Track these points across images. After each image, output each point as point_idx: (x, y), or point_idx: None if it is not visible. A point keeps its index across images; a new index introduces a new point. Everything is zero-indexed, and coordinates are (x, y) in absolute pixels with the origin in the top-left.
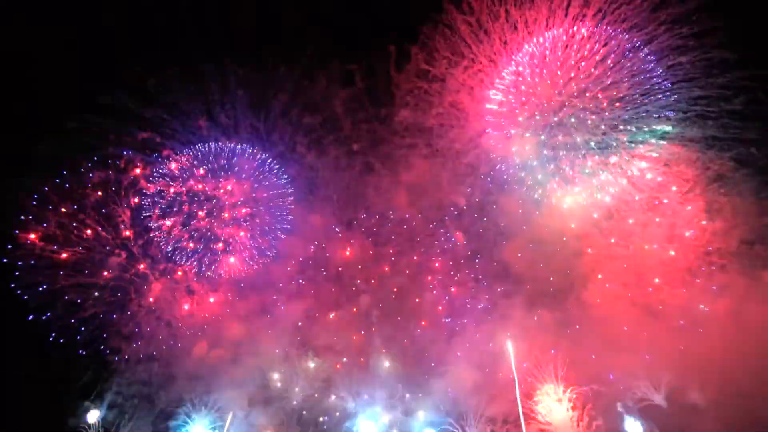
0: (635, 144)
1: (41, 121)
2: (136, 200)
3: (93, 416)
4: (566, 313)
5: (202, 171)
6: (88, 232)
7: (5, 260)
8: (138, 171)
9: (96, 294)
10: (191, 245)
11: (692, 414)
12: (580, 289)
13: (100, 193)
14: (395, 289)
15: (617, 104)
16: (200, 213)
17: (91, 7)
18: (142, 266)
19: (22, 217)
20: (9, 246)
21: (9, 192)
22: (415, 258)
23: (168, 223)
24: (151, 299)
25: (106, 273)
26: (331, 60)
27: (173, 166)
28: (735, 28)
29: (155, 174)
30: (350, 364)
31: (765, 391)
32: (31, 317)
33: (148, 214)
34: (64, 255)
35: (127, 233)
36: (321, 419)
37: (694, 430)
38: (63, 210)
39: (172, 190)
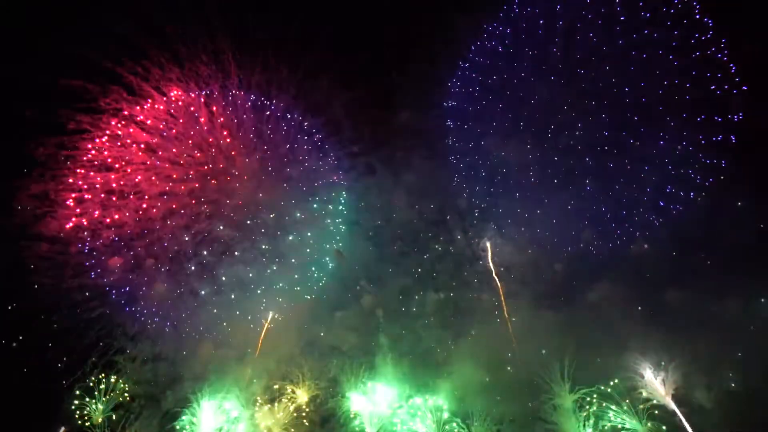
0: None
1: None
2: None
3: (99, 416)
4: (572, 313)
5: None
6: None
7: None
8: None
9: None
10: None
11: (698, 414)
12: (586, 289)
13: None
14: (399, 290)
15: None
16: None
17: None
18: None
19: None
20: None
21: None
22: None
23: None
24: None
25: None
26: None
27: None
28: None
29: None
30: (356, 364)
31: None
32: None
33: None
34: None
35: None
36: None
37: (699, 430)
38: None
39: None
